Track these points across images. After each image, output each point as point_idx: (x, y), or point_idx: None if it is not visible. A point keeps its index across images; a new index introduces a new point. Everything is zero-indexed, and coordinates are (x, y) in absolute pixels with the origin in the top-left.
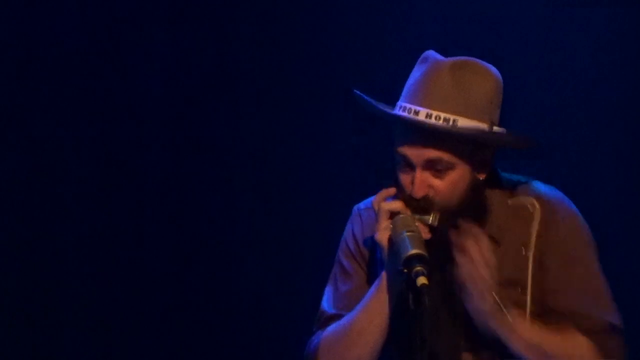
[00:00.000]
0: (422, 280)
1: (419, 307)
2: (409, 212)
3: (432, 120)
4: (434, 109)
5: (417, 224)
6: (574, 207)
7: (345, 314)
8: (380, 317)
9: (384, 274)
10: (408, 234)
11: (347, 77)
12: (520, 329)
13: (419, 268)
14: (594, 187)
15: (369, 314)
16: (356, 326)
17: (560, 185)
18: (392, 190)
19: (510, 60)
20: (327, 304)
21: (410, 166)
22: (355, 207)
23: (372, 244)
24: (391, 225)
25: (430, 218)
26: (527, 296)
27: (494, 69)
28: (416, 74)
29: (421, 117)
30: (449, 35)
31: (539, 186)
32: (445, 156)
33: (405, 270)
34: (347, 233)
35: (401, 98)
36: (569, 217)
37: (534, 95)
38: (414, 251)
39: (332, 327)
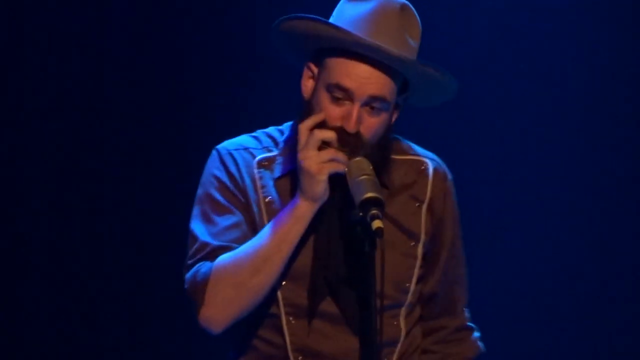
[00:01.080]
0: (377, 223)
1: (373, 250)
2: (336, 144)
3: (398, 54)
4: (389, 44)
5: (370, 166)
6: (452, 178)
7: (235, 245)
8: (289, 246)
9: (300, 203)
10: (364, 177)
11: None
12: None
13: (374, 211)
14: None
15: (278, 242)
16: (263, 253)
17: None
18: (321, 117)
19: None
20: (206, 237)
21: (348, 99)
22: (222, 148)
23: (250, 180)
24: (340, 159)
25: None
26: (418, 248)
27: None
28: (357, 8)
29: (386, 49)
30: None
31: (420, 148)
32: (388, 94)
33: (361, 213)
34: (218, 170)
35: (345, 25)
36: (454, 190)
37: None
38: (370, 194)
39: (228, 256)
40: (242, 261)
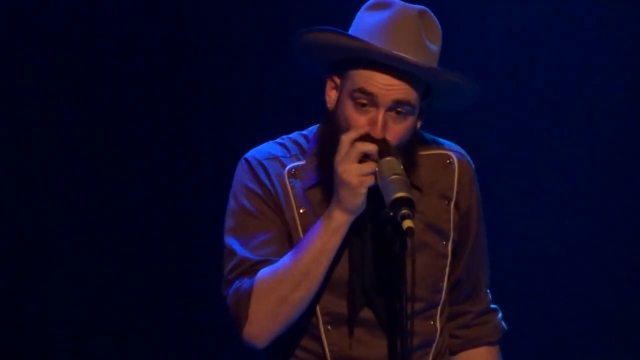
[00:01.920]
0: (408, 223)
1: (403, 250)
2: (377, 157)
3: (419, 63)
4: (409, 53)
5: (401, 166)
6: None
7: (274, 259)
8: (327, 259)
9: (337, 214)
10: (394, 177)
11: None
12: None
13: (405, 211)
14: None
15: (317, 254)
16: (302, 267)
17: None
18: (362, 130)
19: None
20: (244, 252)
21: (373, 105)
22: (251, 157)
23: (283, 191)
24: (376, 168)
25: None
26: (448, 247)
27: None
28: (376, 17)
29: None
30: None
31: (442, 139)
32: (413, 99)
33: (391, 213)
34: (250, 180)
35: (369, 37)
36: (475, 176)
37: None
38: (401, 194)
39: (267, 271)
40: (282, 276)
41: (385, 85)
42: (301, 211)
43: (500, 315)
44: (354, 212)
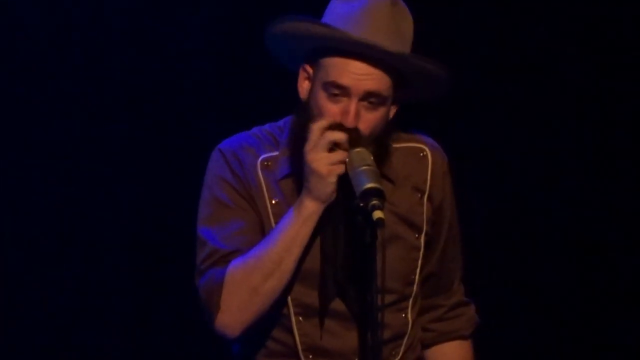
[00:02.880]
0: (378, 214)
1: (373, 241)
2: (347, 145)
3: (393, 49)
4: (381, 41)
5: (371, 157)
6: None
7: (244, 249)
8: (299, 248)
9: (307, 204)
10: (365, 167)
11: None
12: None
13: (375, 202)
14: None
15: (288, 244)
16: (274, 256)
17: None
18: (330, 120)
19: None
20: (216, 242)
21: (345, 95)
22: (224, 148)
23: (255, 181)
24: (346, 158)
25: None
26: (421, 240)
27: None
28: (348, 6)
29: (381, 45)
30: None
31: (422, 134)
32: (384, 89)
33: (362, 204)
34: (222, 170)
35: (343, 24)
36: (449, 170)
37: None
38: (371, 184)
39: (238, 261)
40: (254, 266)
41: (357, 75)
42: (273, 202)
43: (473, 308)
44: (324, 201)
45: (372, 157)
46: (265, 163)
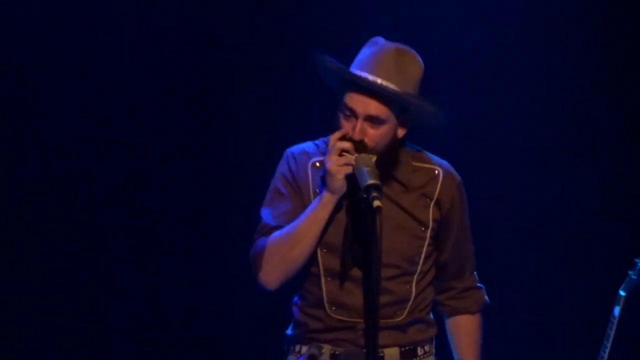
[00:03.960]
0: (377, 203)
1: (374, 222)
2: (354, 152)
3: (387, 87)
4: (381, 79)
5: (373, 161)
6: (461, 181)
7: (285, 225)
8: (318, 226)
9: (325, 194)
10: (367, 168)
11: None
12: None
13: (375, 194)
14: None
15: (310, 223)
16: (299, 232)
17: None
18: (343, 132)
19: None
20: (268, 219)
21: (354, 116)
22: (289, 151)
23: (309, 177)
24: (353, 161)
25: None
26: (427, 233)
27: (421, 60)
28: (367, 51)
29: (379, 83)
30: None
31: (439, 159)
32: (382, 114)
33: (365, 195)
34: (284, 168)
35: (354, 67)
36: (462, 190)
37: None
38: (372, 181)
39: (276, 234)
40: (284, 238)
41: (361, 102)
42: (316, 192)
43: (483, 292)
44: (335, 192)
45: (373, 161)
46: (315, 164)
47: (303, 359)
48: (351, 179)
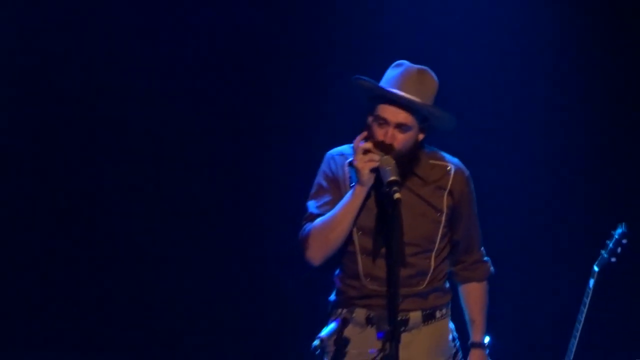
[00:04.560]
0: (397, 195)
1: (394, 211)
2: (376, 150)
3: (412, 99)
4: (408, 93)
5: (393, 161)
6: (469, 174)
7: (326, 213)
8: (352, 213)
9: (357, 186)
10: (389, 168)
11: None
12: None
13: (395, 188)
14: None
15: (346, 211)
16: (337, 218)
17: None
18: (364, 135)
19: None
20: (312, 208)
21: (386, 124)
22: (329, 154)
23: (345, 176)
24: (379, 162)
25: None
26: (442, 217)
27: (436, 77)
28: (394, 72)
29: (406, 97)
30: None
31: (451, 157)
32: (409, 122)
33: (387, 190)
34: (326, 167)
35: (384, 84)
36: (470, 182)
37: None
38: (392, 178)
39: (319, 220)
40: (325, 223)
41: (391, 113)
42: (350, 186)
43: (489, 264)
44: (364, 185)
45: (394, 162)
46: (350, 163)
47: (339, 321)
48: (377, 175)
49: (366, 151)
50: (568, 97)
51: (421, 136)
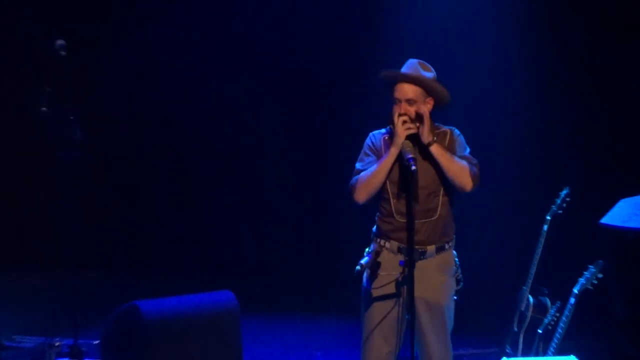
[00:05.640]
0: (413, 167)
1: (412, 176)
2: (410, 121)
3: (414, 74)
4: (410, 72)
5: (411, 144)
6: (459, 132)
7: (367, 169)
8: (387, 167)
9: (392, 148)
10: (407, 149)
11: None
12: (442, 149)
13: (412, 163)
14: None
15: (383, 165)
16: (376, 169)
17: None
18: (397, 112)
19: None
20: (359, 166)
21: (399, 101)
22: (371, 133)
23: (382, 147)
24: (403, 147)
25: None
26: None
27: (432, 68)
28: (406, 64)
29: (408, 73)
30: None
31: (449, 126)
32: (415, 97)
33: (407, 163)
34: (368, 141)
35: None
36: (459, 136)
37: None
38: (410, 155)
39: (363, 173)
40: (368, 174)
41: (401, 91)
42: (384, 152)
43: (475, 168)
44: (397, 147)
45: (411, 144)
46: (384, 138)
47: (374, 251)
48: (400, 155)
49: (404, 122)
50: (536, 88)
51: (429, 106)
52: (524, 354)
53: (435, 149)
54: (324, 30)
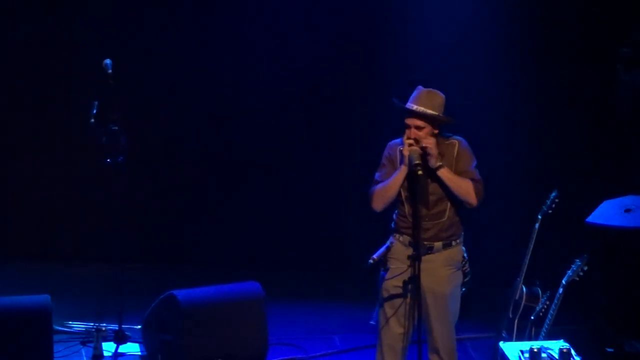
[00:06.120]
0: (419, 172)
1: (418, 182)
2: (415, 144)
3: (420, 110)
4: (420, 106)
5: (419, 151)
6: (466, 143)
7: (384, 180)
8: (399, 182)
9: (402, 167)
10: (415, 155)
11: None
12: (448, 172)
13: (418, 168)
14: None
15: (394, 180)
16: (389, 184)
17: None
18: (407, 135)
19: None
20: (377, 177)
21: (409, 127)
22: (389, 143)
23: (397, 156)
24: (410, 153)
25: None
26: (453, 168)
27: (443, 95)
28: (413, 94)
29: (416, 109)
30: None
31: (456, 136)
32: (421, 124)
33: (414, 169)
34: (386, 152)
35: (408, 102)
36: (467, 147)
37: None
38: (416, 162)
39: (379, 185)
40: (384, 185)
41: (410, 120)
42: (399, 163)
43: (478, 185)
44: (406, 165)
45: (419, 153)
46: (400, 150)
47: (386, 246)
48: (409, 161)
49: (410, 144)
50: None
51: (436, 130)
52: (518, 338)
53: (442, 173)
54: (332, 33)
